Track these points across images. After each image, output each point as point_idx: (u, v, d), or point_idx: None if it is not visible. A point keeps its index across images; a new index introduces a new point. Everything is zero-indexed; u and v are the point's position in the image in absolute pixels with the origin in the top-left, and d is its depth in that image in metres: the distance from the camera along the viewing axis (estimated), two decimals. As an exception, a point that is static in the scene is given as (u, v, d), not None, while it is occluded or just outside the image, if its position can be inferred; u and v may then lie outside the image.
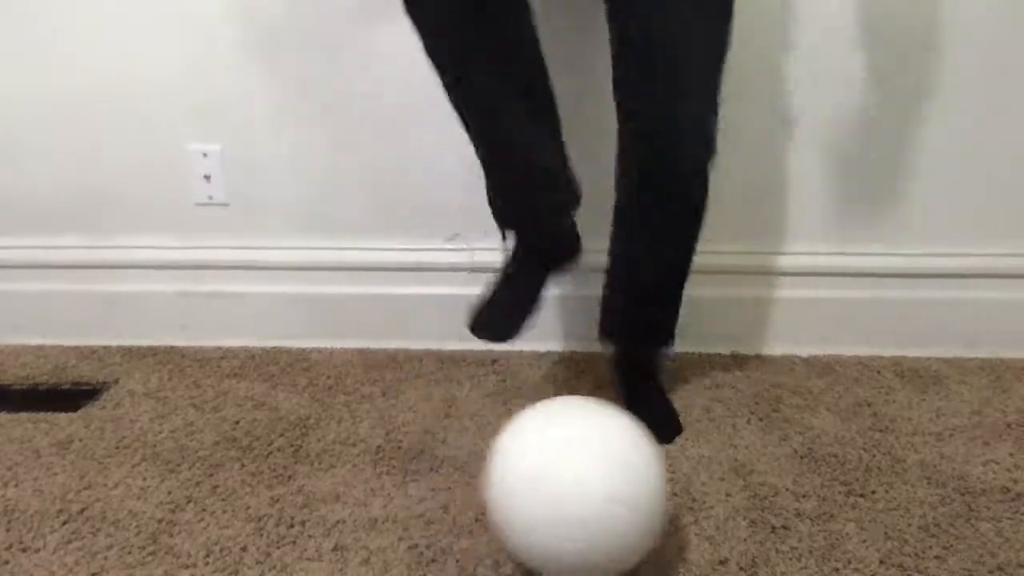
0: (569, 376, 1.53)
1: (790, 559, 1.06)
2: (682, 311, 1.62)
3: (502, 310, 1.30)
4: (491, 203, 1.29)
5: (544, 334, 1.62)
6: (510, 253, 1.31)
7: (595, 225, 1.60)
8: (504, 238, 1.32)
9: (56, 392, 1.52)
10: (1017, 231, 1.56)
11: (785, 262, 1.59)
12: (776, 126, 1.52)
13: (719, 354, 1.61)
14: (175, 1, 1.51)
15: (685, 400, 1.44)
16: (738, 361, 1.59)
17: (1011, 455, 1.28)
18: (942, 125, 1.51)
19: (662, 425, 1.32)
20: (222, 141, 1.59)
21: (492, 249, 1.61)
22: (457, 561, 1.07)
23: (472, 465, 1.27)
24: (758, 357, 1.60)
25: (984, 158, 1.52)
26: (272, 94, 1.56)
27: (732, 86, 1.22)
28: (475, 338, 1.30)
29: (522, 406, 1.42)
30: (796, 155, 1.53)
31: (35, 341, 1.70)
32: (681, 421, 1.37)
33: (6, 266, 1.68)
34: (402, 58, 1.52)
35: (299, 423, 1.39)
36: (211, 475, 1.26)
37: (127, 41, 1.54)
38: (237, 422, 1.40)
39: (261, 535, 1.12)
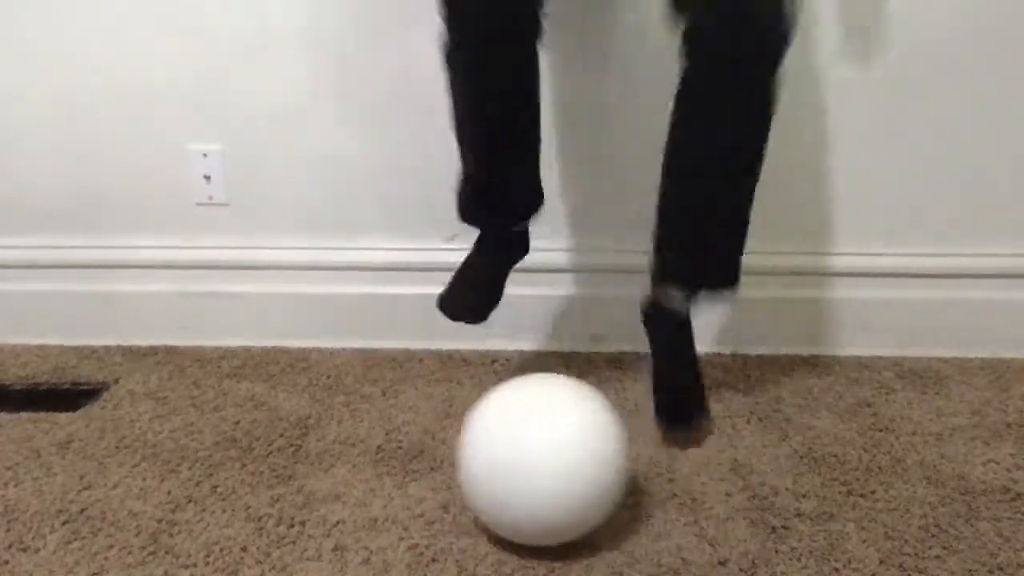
0: (569, 376, 1.53)
1: (790, 559, 1.06)
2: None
3: (471, 293, 1.35)
4: (461, 198, 1.35)
5: (544, 334, 1.62)
6: (472, 249, 1.38)
7: (590, 226, 1.60)
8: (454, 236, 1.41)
9: (56, 392, 1.52)
10: (1017, 231, 1.56)
11: (785, 262, 1.59)
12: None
13: (719, 354, 1.61)
14: (175, 1, 1.51)
15: (685, 400, 1.44)
16: (738, 361, 1.59)
17: (1011, 455, 1.28)
18: (942, 125, 1.51)
19: (685, 407, 1.31)
20: (222, 141, 1.59)
21: (492, 249, 1.61)
22: (457, 561, 1.07)
23: (472, 465, 1.27)
24: (759, 357, 1.60)
25: (984, 158, 1.52)
26: (272, 94, 1.56)
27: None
28: (445, 315, 1.34)
29: (522, 406, 1.43)
30: (795, 157, 1.53)
31: (35, 341, 1.70)
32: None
33: (6, 266, 1.68)
34: (402, 58, 1.52)
35: (299, 423, 1.39)
36: (211, 475, 1.26)
37: (127, 41, 1.54)
38: (237, 422, 1.40)
39: (261, 535, 1.12)
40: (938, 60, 1.47)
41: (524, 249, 1.40)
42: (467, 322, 1.35)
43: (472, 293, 1.34)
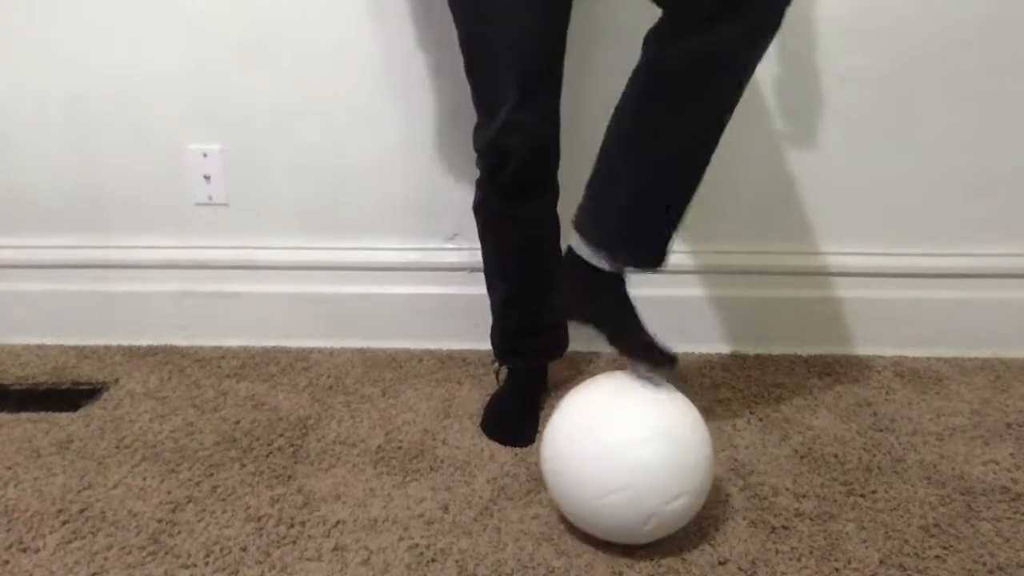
0: (569, 376, 1.53)
1: (790, 559, 1.06)
2: (683, 311, 1.62)
3: (515, 418, 1.39)
4: (493, 339, 1.43)
5: (544, 334, 1.62)
6: (504, 382, 1.46)
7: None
8: (497, 370, 1.48)
9: (56, 392, 1.52)
10: (1017, 231, 1.56)
11: (785, 262, 1.59)
12: (781, 129, 1.52)
13: (719, 354, 1.61)
14: (175, 1, 1.51)
15: (685, 400, 1.44)
16: (738, 361, 1.59)
17: (1011, 455, 1.28)
18: (941, 125, 1.51)
19: (653, 350, 1.13)
20: (222, 141, 1.59)
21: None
22: (457, 561, 1.07)
23: (472, 465, 1.27)
24: (758, 357, 1.60)
25: (984, 158, 1.52)
26: (272, 94, 1.56)
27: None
28: (491, 439, 1.37)
29: (522, 406, 1.43)
30: (796, 157, 1.53)
31: (35, 341, 1.70)
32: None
33: (6, 266, 1.68)
34: (403, 58, 1.52)
35: (299, 423, 1.39)
36: (211, 475, 1.26)
37: (127, 41, 1.54)
38: (237, 422, 1.40)
39: (261, 535, 1.12)
40: (938, 61, 1.47)
41: (546, 376, 1.49)
42: (515, 446, 1.36)
43: (512, 422, 1.39)
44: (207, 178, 1.62)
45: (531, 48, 1.18)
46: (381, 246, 1.64)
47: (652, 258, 1.16)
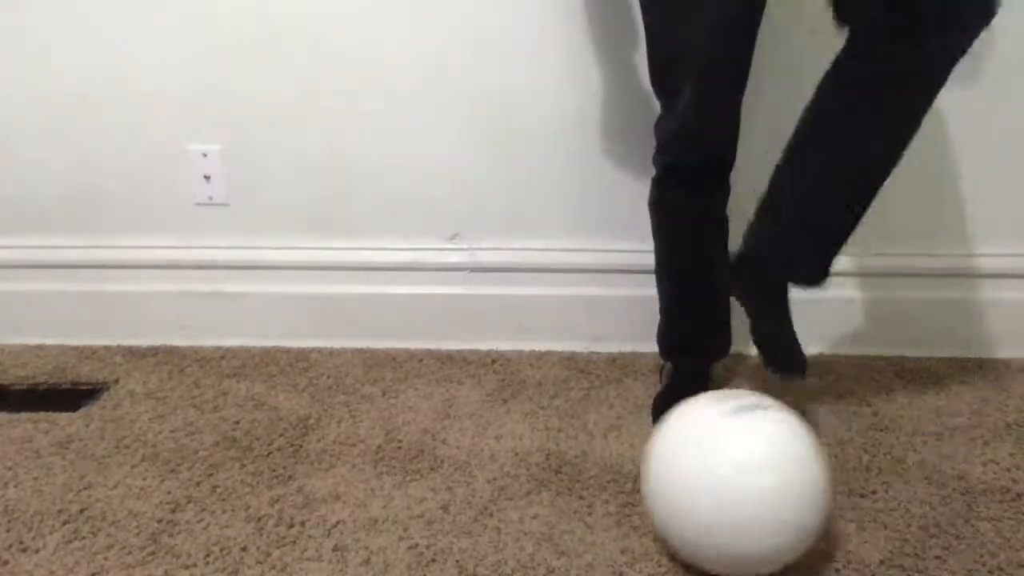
0: (569, 376, 1.53)
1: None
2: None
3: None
4: (664, 339, 1.43)
5: (544, 334, 1.62)
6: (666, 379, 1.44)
7: (590, 226, 1.61)
8: (663, 369, 1.47)
9: (56, 392, 1.52)
10: (1017, 231, 1.56)
11: (785, 262, 1.59)
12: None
13: (719, 354, 1.61)
14: (175, 1, 1.51)
15: (685, 400, 1.44)
16: (739, 361, 1.59)
17: (1011, 455, 1.28)
18: (940, 125, 1.51)
19: (790, 358, 1.28)
20: (222, 141, 1.59)
21: (492, 249, 1.61)
22: (457, 561, 1.07)
23: (472, 465, 1.27)
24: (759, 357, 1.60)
25: (983, 158, 1.52)
26: (272, 94, 1.56)
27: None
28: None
29: (522, 406, 1.43)
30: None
31: (35, 341, 1.70)
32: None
33: (6, 266, 1.68)
34: (402, 58, 1.52)
35: (299, 423, 1.39)
36: (211, 475, 1.26)
37: (126, 41, 1.54)
38: (237, 422, 1.40)
39: (261, 535, 1.12)
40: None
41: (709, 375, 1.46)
42: None
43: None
44: (207, 178, 1.62)
45: (721, 49, 1.16)
46: (381, 246, 1.64)
47: (817, 278, 1.24)
